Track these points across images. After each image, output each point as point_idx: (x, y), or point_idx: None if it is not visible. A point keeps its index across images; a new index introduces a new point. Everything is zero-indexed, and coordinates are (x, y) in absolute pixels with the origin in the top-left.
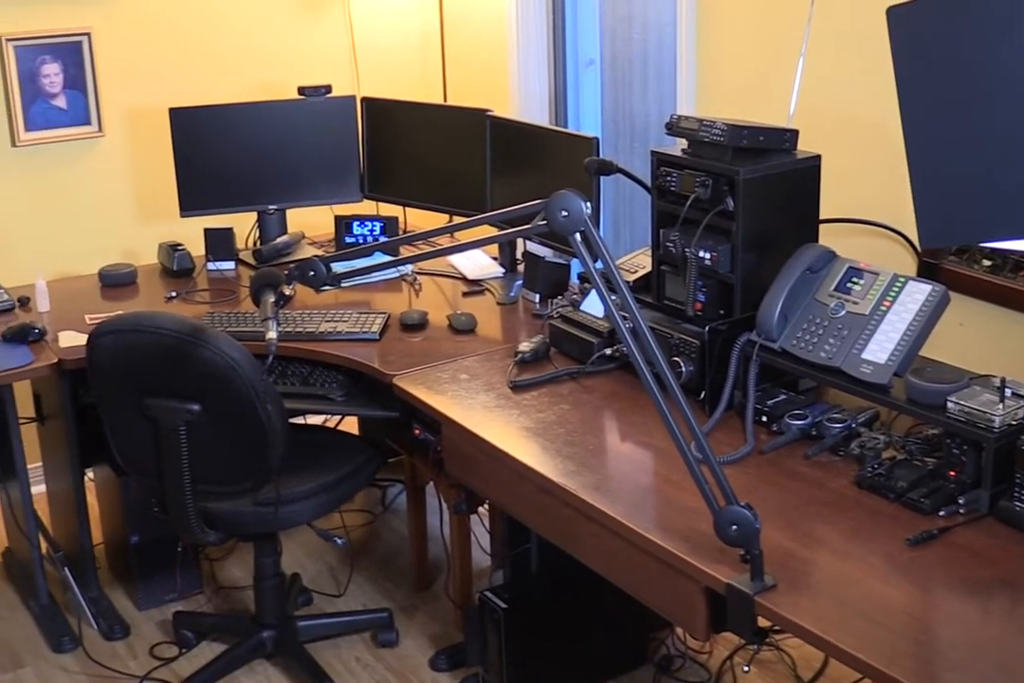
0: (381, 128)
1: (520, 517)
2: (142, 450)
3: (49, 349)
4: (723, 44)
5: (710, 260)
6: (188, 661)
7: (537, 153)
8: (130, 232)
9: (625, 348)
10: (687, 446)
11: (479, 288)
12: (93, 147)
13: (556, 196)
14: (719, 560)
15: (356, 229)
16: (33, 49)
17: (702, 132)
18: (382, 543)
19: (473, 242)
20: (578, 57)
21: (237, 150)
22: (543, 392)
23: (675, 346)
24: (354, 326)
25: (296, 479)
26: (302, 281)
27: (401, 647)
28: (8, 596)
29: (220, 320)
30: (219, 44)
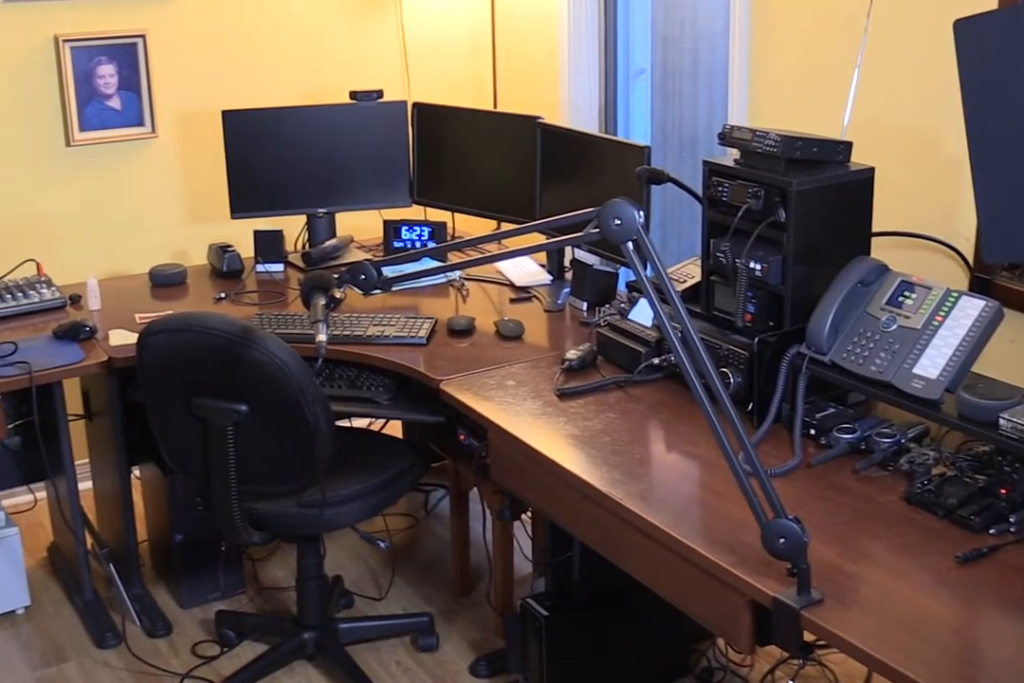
0: (431, 133)
1: (564, 525)
2: (189, 449)
3: (99, 347)
4: (775, 54)
5: (761, 271)
6: (229, 660)
7: (587, 161)
8: (180, 233)
9: (675, 358)
10: (736, 458)
11: (526, 295)
12: (146, 148)
13: (609, 204)
14: (765, 573)
15: (404, 234)
16: (89, 50)
17: (755, 143)
18: (424, 547)
19: (523, 249)
20: (629, 66)
21: (288, 153)
22: (590, 400)
23: (724, 357)
24: (402, 330)
25: (341, 482)
26: (353, 284)
27: (441, 652)
28: (53, 591)
29: (269, 321)
30: (272, 48)
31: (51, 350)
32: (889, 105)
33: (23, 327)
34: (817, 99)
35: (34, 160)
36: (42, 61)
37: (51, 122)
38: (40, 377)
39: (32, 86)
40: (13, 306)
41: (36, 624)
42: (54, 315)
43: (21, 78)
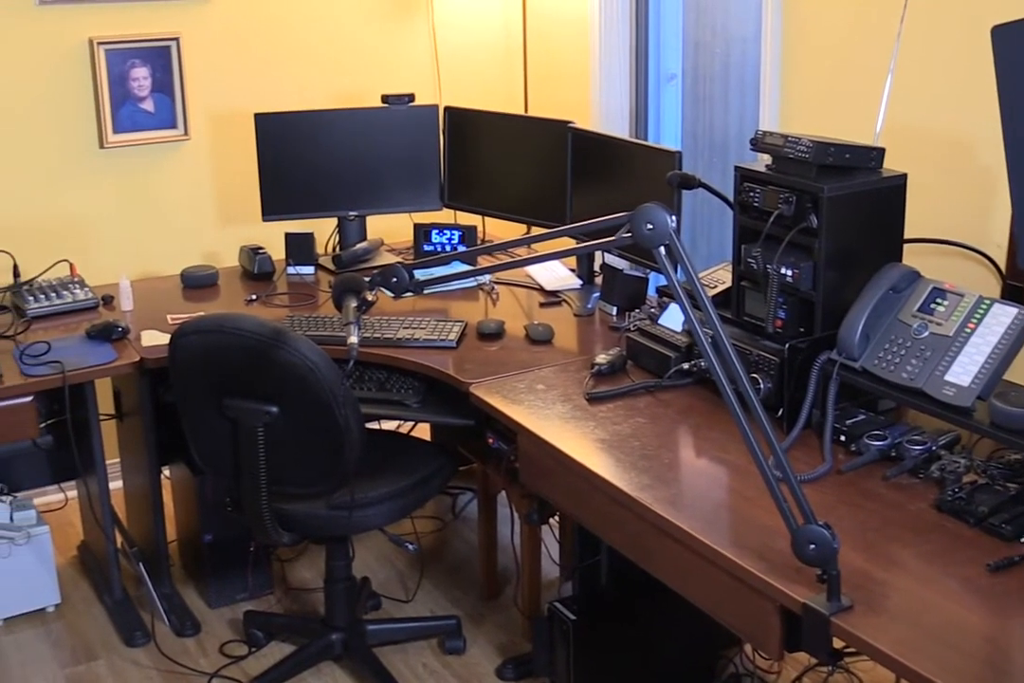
0: (462, 137)
1: (593, 529)
2: (220, 450)
3: (131, 347)
4: (807, 60)
5: (792, 277)
6: (257, 660)
7: (618, 166)
8: (212, 234)
9: (706, 363)
10: (766, 463)
11: (556, 299)
12: (178, 150)
13: (642, 209)
14: (795, 579)
15: (435, 237)
16: (123, 53)
17: (787, 148)
18: (451, 550)
19: (555, 253)
20: (660, 71)
21: (320, 156)
22: (619, 405)
23: (754, 363)
24: (432, 333)
25: (370, 484)
26: (384, 287)
27: (468, 655)
28: (83, 589)
29: (300, 323)
30: (305, 51)
31: (84, 350)
32: (922, 111)
33: (56, 327)
34: (849, 105)
35: (68, 161)
36: (77, 63)
37: (85, 124)
38: (73, 377)
39: (67, 88)
40: (47, 306)
41: (66, 622)
42: (87, 315)
43: (56, 80)
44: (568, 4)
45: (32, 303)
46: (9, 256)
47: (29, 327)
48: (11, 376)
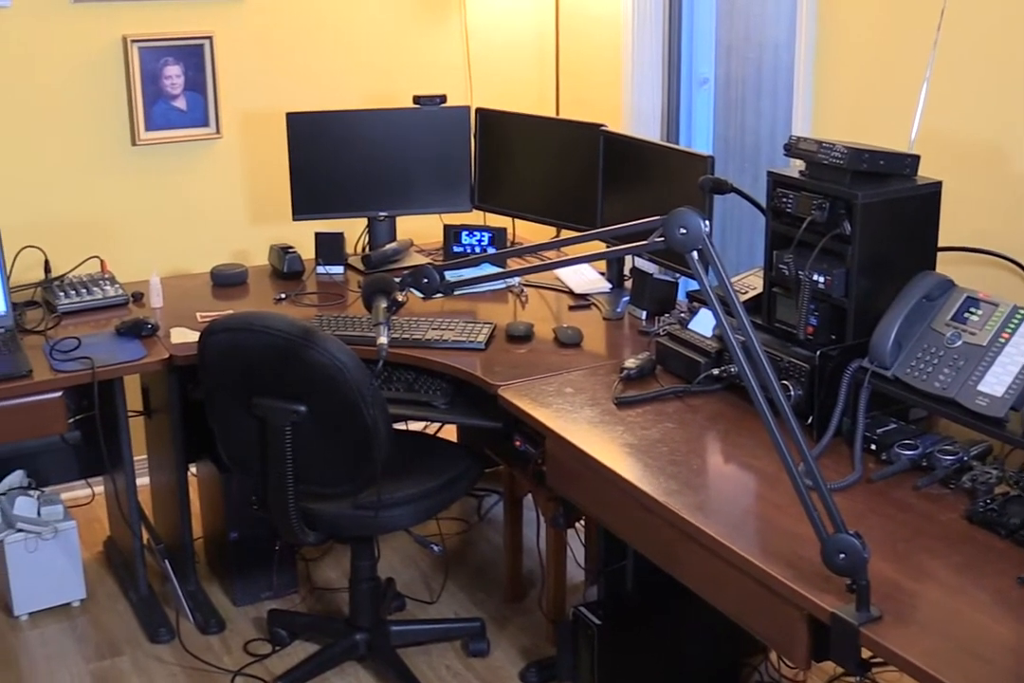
0: (494, 139)
1: (620, 534)
2: (247, 448)
3: (161, 344)
4: (841, 65)
5: (824, 284)
6: (281, 659)
7: (650, 169)
8: (242, 233)
9: (737, 370)
10: (797, 471)
11: (585, 302)
12: (210, 148)
13: (675, 213)
14: (824, 588)
15: (465, 238)
16: (157, 51)
17: (821, 154)
18: (476, 552)
19: (586, 256)
20: (692, 75)
21: (351, 156)
22: (648, 409)
23: (784, 369)
24: (460, 335)
25: (397, 484)
26: (414, 288)
27: (492, 657)
28: (108, 585)
29: (328, 323)
30: (337, 51)
31: (113, 346)
32: (957, 118)
33: (86, 323)
34: (884, 111)
35: (100, 158)
36: (110, 61)
37: (118, 121)
38: (102, 373)
39: (100, 86)
40: (77, 302)
41: (91, 617)
42: (117, 312)
43: (90, 78)
44: (601, 6)
45: (63, 299)
46: (40, 252)
47: (60, 323)
48: (41, 371)
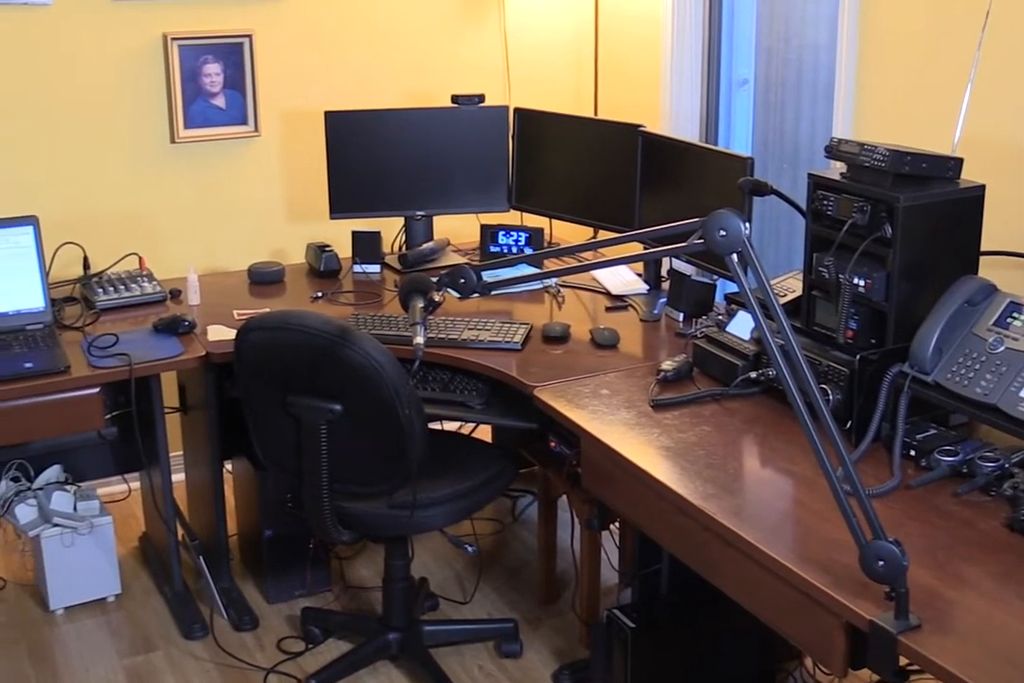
0: (532, 139)
1: (655, 537)
2: (283, 446)
3: (197, 342)
4: (883, 67)
5: (864, 287)
6: (314, 657)
7: (689, 171)
8: (279, 231)
9: (776, 373)
10: (836, 477)
11: (622, 304)
12: (248, 146)
13: (715, 215)
14: (862, 595)
15: (501, 238)
16: (196, 49)
17: (863, 156)
18: (510, 553)
19: (625, 258)
20: (732, 76)
21: (389, 155)
22: (684, 412)
23: (823, 373)
24: (496, 335)
25: (432, 484)
26: (452, 288)
27: (524, 659)
28: (143, 580)
29: (365, 322)
30: (376, 50)
31: (151, 343)
32: (1002, 121)
33: (124, 319)
34: (926, 113)
35: (140, 156)
36: (150, 59)
37: (157, 119)
38: (139, 369)
39: (140, 83)
40: (115, 298)
41: (126, 612)
42: (154, 309)
43: (130, 75)
44: (640, 7)
45: (101, 295)
46: (80, 248)
47: (98, 319)
48: (79, 367)
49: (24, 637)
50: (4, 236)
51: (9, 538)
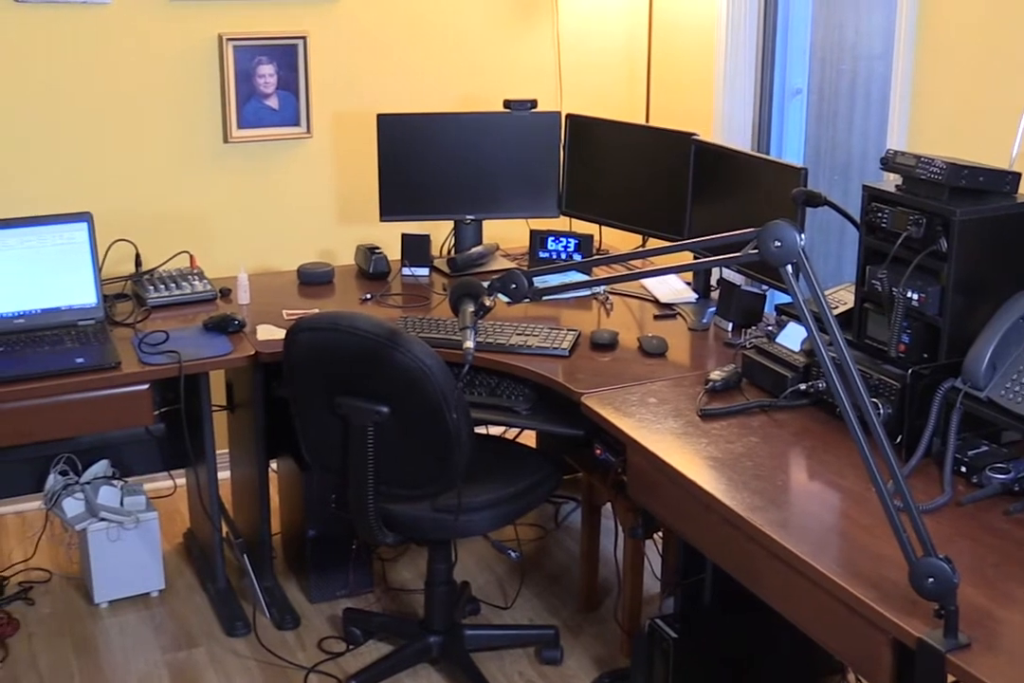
0: (583, 145)
1: (700, 547)
2: (329, 447)
3: (247, 341)
4: (940, 79)
5: (918, 301)
6: (354, 658)
7: (741, 180)
8: (329, 232)
9: (829, 386)
10: (887, 492)
11: (671, 312)
12: (300, 147)
13: (770, 226)
14: (910, 612)
15: (551, 244)
16: (251, 50)
17: (919, 169)
18: (551, 559)
19: (677, 266)
20: (785, 86)
21: (440, 159)
22: (732, 423)
23: (874, 387)
24: (544, 341)
25: (477, 489)
26: (503, 293)
27: (564, 666)
28: (187, 577)
29: (413, 325)
30: (429, 53)
31: (200, 341)
32: None
33: (175, 317)
34: (984, 126)
35: (193, 155)
36: (205, 59)
37: (211, 118)
38: (189, 367)
39: (195, 83)
40: (166, 296)
41: (169, 608)
42: (204, 307)
43: (185, 75)
44: (695, 14)
45: (152, 293)
46: (132, 246)
47: (149, 316)
48: (129, 363)
49: (69, 629)
50: (59, 232)
51: (56, 531)
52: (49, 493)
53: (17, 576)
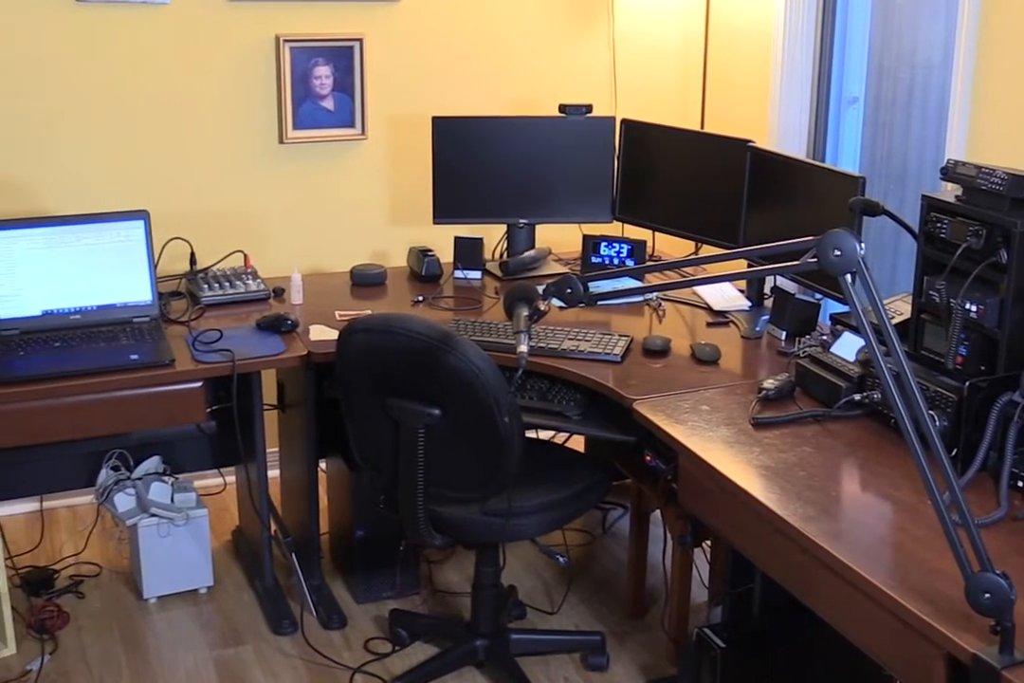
0: (638, 150)
1: (751, 556)
2: (380, 448)
3: (299, 341)
4: (1000, 89)
5: (976, 313)
6: (400, 659)
7: (797, 188)
8: (382, 234)
9: (888, 398)
10: (944, 505)
11: (723, 320)
12: (354, 149)
13: (830, 234)
14: (965, 627)
15: (603, 249)
16: (308, 51)
17: (980, 179)
18: (598, 565)
19: (733, 274)
20: (842, 94)
21: (494, 162)
22: (785, 432)
23: (931, 399)
24: (596, 346)
25: (527, 493)
26: (558, 297)
27: (610, 673)
28: (235, 574)
29: (466, 328)
30: (484, 56)
31: (253, 340)
32: None
33: (228, 316)
34: None
35: (248, 155)
36: (262, 59)
37: (267, 119)
38: (242, 366)
39: (251, 83)
40: (220, 295)
41: (217, 605)
42: (258, 306)
43: (242, 75)
44: (751, 20)
45: (206, 291)
46: (187, 244)
47: (202, 314)
48: (183, 361)
49: (117, 623)
50: (116, 230)
51: (107, 526)
52: (101, 488)
53: (68, 569)
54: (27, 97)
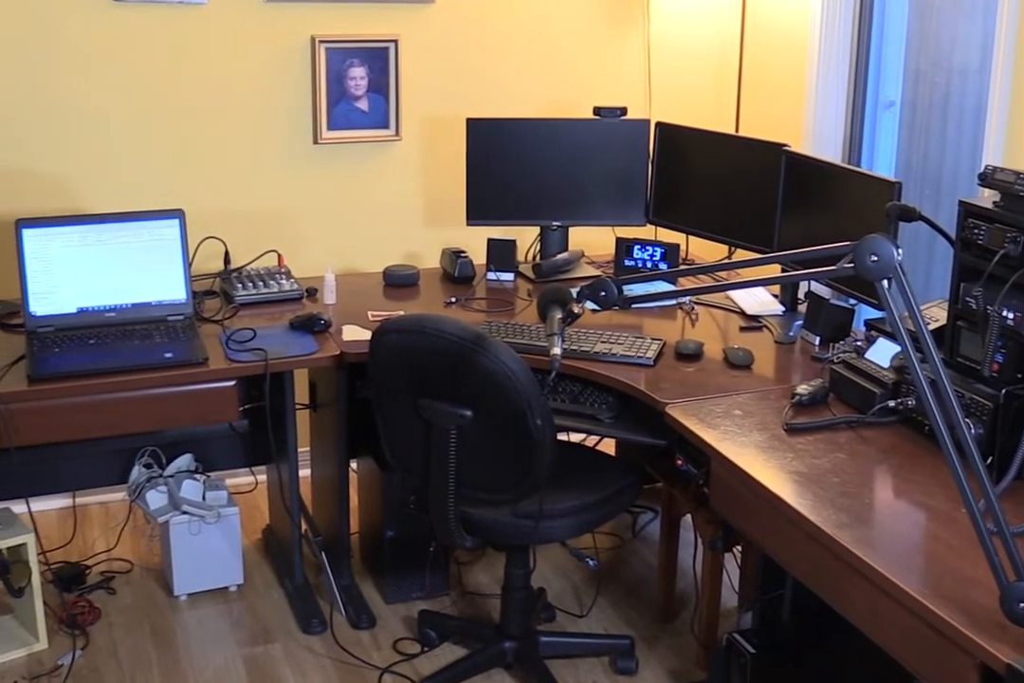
0: (672, 154)
1: (782, 562)
2: (411, 448)
3: (332, 341)
4: None
5: (1013, 320)
6: (429, 660)
7: (832, 193)
8: (415, 235)
9: (925, 406)
10: (980, 514)
11: (757, 324)
12: (389, 150)
13: (867, 240)
14: (999, 637)
15: (636, 253)
16: (343, 52)
17: (1018, 186)
18: (628, 569)
19: (768, 278)
20: (878, 98)
21: (528, 164)
22: (819, 438)
23: (966, 406)
24: (629, 349)
25: (558, 495)
26: (592, 300)
27: (639, 677)
28: (265, 572)
29: (498, 329)
30: (519, 58)
31: (287, 340)
32: None
33: (262, 315)
34: None
35: (283, 155)
36: (298, 60)
37: (302, 119)
38: (275, 365)
39: (287, 83)
40: (254, 294)
41: (247, 603)
42: (291, 306)
43: (277, 76)
44: (788, 23)
45: (240, 290)
46: (221, 243)
47: (236, 313)
48: (216, 360)
49: (148, 620)
50: (151, 228)
51: (139, 523)
52: (133, 485)
53: (100, 565)
54: (67, 97)
